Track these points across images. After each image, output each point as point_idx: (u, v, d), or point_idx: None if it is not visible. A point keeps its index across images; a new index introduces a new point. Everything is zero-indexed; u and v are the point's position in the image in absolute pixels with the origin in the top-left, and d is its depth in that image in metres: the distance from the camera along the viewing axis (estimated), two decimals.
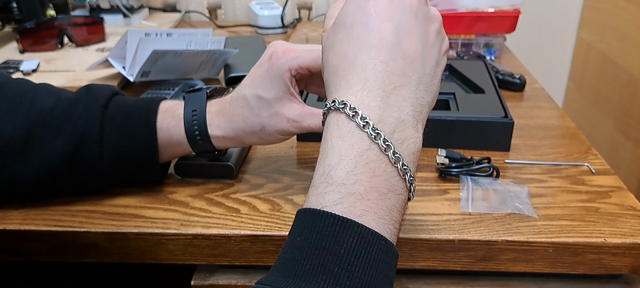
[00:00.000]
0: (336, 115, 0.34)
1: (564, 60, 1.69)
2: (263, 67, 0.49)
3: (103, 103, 0.50)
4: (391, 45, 0.35)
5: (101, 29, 1.05)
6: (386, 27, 0.36)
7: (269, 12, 1.19)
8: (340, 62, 0.36)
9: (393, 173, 0.34)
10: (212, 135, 0.50)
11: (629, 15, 1.40)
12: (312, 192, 0.34)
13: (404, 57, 0.36)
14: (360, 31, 0.36)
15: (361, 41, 0.36)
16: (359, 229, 0.31)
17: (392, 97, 0.35)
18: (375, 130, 0.33)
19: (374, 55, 0.35)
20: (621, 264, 0.49)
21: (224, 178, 0.57)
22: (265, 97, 0.48)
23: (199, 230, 0.49)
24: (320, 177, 0.34)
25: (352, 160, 0.33)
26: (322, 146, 0.35)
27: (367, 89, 0.34)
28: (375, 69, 0.35)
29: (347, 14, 0.37)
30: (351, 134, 0.34)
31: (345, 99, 0.34)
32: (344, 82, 0.35)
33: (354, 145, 0.33)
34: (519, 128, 0.70)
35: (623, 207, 0.53)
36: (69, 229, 0.49)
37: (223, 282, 0.51)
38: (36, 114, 0.49)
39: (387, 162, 0.34)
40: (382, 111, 0.34)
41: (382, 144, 0.33)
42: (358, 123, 0.33)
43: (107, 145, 0.49)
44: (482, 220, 0.50)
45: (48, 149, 0.49)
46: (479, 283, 0.51)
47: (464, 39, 1.00)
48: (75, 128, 0.49)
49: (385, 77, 0.35)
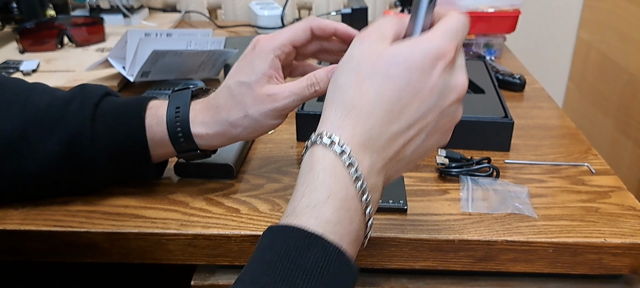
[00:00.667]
0: (332, 156, 0.36)
1: (564, 60, 1.69)
2: (245, 56, 0.49)
3: (95, 102, 0.50)
4: (407, 124, 0.37)
5: (101, 29, 1.05)
6: (414, 106, 0.36)
7: (269, 12, 1.19)
8: (356, 105, 0.36)
9: (362, 226, 0.36)
10: (195, 133, 0.49)
11: (628, 15, 1.40)
12: (293, 221, 0.34)
13: (406, 140, 0.37)
14: (393, 93, 0.36)
15: (387, 103, 0.36)
16: (325, 246, 0.33)
17: (381, 164, 0.37)
18: (363, 187, 0.35)
19: (387, 122, 0.36)
20: (621, 264, 0.49)
21: (224, 178, 0.56)
22: (247, 81, 0.47)
23: (199, 230, 0.49)
24: (305, 208, 0.34)
25: (339, 201, 0.35)
26: (307, 177, 0.36)
27: (369, 147, 0.36)
28: (382, 135, 0.36)
29: (367, 63, 0.37)
30: (343, 178, 0.35)
31: (346, 144, 0.35)
32: (350, 126, 0.36)
33: (343, 190, 0.35)
34: (519, 128, 0.70)
35: (623, 207, 0.53)
36: (69, 229, 0.49)
37: (223, 282, 0.51)
38: (31, 112, 0.49)
39: (362, 215, 0.36)
40: (369, 172, 0.36)
41: (364, 200, 0.36)
42: (351, 174, 0.35)
43: (100, 144, 0.49)
44: (482, 220, 0.50)
45: (42, 148, 0.49)
46: (479, 283, 0.51)
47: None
48: (69, 126, 0.49)
49: (386, 147, 0.37)
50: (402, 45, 0.37)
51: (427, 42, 0.37)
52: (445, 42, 0.37)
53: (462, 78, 0.39)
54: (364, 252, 0.49)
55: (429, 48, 0.36)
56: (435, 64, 0.36)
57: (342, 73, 0.38)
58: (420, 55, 0.36)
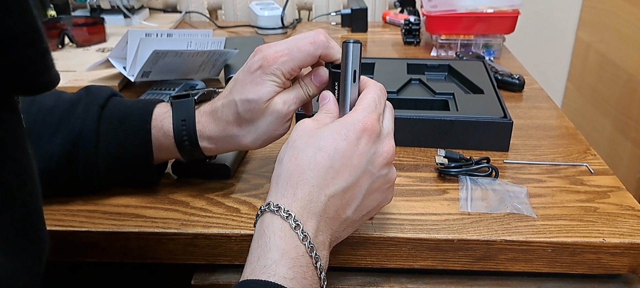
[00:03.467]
0: (279, 220, 0.39)
1: (563, 61, 1.69)
2: (253, 73, 0.47)
3: (101, 103, 0.50)
4: (341, 187, 0.41)
5: (102, 30, 1.05)
6: (346, 173, 0.41)
7: (269, 12, 1.19)
8: (293, 174, 0.41)
9: (316, 280, 0.39)
10: (204, 146, 0.50)
11: (627, 15, 1.40)
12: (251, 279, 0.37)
13: (344, 202, 0.41)
14: (324, 161, 0.40)
15: (320, 170, 0.40)
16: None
17: (325, 224, 0.41)
18: (311, 244, 0.39)
19: (323, 186, 0.40)
20: (620, 264, 0.49)
21: (221, 179, 0.57)
22: (255, 99, 0.47)
23: (199, 230, 0.49)
24: (263, 268, 0.37)
25: (292, 259, 0.38)
26: (260, 241, 0.39)
27: (310, 210, 0.40)
28: (319, 198, 0.40)
29: (302, 139, 0.42)
30: (292, 238, 0.39)
31: (290, 209, 0.39)
32: (291, 193, 0.40)
33: (294, 249, 0.38)
34: (518, 128, 0.70)
35: (622, 207, 0.53)
36: (70, 229, 0.49)
37: (223, 282, 0.51)
38: (36, 112, 0.50)
39: (314, 270, 0.39)
40: (315, 232, 0.40)
41: (314, 256, 0.39)
42: (299, 234, 0.39)
43: (103, 146, 0.50)
44: (481, 220, 0.51)
45: (46, 148, 0.49)
46: (478, 282, 0.51)
47: (463, 39, 1.00)
48: (73, 128, 0.49)
49: (326, 208, 0.40)
50: (331, 125, 0.42)
51: (351, 118, 0.42)
52: (366, 116, 0.42)
53: (388, 144, 0.43)
54: (363, 252, 0.50)
55: (353, 123, 0.41)
56: (360, 136, 0.41)
57: (283, 152, 0.43)
58: (345, 130, 0.41)
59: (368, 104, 0.43)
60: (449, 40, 1.01)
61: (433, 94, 0.72)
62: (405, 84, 0.76)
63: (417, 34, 1.10)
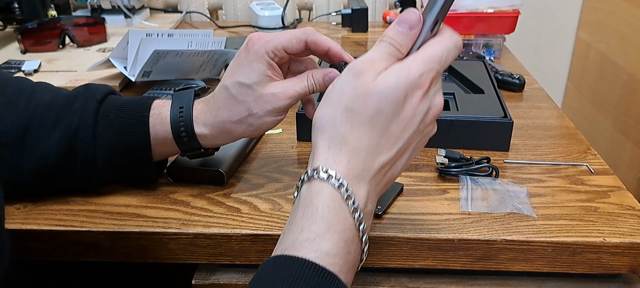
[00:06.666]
0: (329, 189, 0.37)
1: (563, 61, 1.69)
2: (240, 56, 0.49)
3: (99, 99, 0.51)
4: (394, 152, 0.39)
5: (102, 30, 1.05)
6: (401, 137, 0.38)
7: (269, 12, 1.19)
8: (348, 140, 0.38)
9: (358, 255, 0.38)
10: (199, 133, 0.50)
11: (627, 15, 1.40)
12: (291, 252, 0.36)
13: (393, 164, 0.40)
14: (382, 126, 0.38)
15: (376, 135, 0.38)
16: (338, 283, 0.35)
17: (374, 191, 0.39)
18: (360, 217, 0.37)
19: (377, 153, 0.38)
20: (620, 264, 0.49)
21: (215, 184, 0.56)
22: (246, 83, 0.48)
23: (200, 230, 0.49)
24: (304, 241, 0.36)
25: (338, 233, 0.36)
26: (307, 211, 0.37)
27: (362, 178, 0.38)
28: (373, 165, 0.38)
29: (358, 100, 0.38)
30: (341, 210, 0.37)
31: (342, 177, 0.37)
32: (344, 159, 0.38)
33: (342, 222, 0.37)
34: (518, 128, 0.70)
35: (622, 207, 0.53)
36: (71, 228, 0.49)
37: (224, 281, 0.51)
38: (34, 109, 0.50)
39: (358, 244, 0.38)
40: (365, 202, 0.38)
41: (361, 229, 0.37)
42: (349, 206, 0.37)
43: (101, 140, 0.50)
44: (482, 219, 0.51)
45: (44, 143, 0.49)
46: (478, 282, 0.51)
47: (463, 39, 1.00)
48: (71, 123, 0.49)
49: (376, 174, 0.38)
50: (389, 78, 0.37)
51: (412, 70, 0.38)
52: (429, 71, 0.38)
53: (439, 99, 0.41)
54: None
55: (414, 79, 0.38)
56: (419, 95, 0.38)
57: (333, 107, 0.39)
58: (405, 86, 0.37)
59: (436, 57, 0.39)
60: None
61: None
62: None
63: None
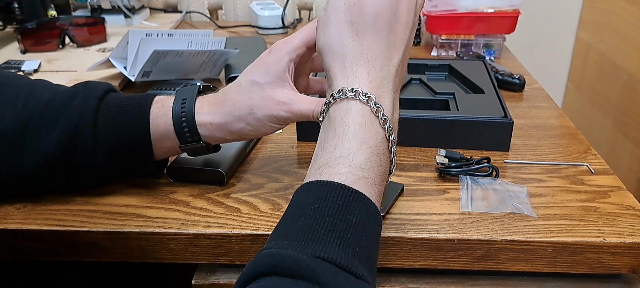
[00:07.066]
0: (358, 105, 0.38)
1: (563, 61, 1.69)
2: (262, 59, 0.49)
3: (99, 96, 0.51)
4: (402, 48, 0.39)
5: (102, 30, 1.05)
6: (403, 30, 0.39)
7: (269, 12, 1.19)
8: (362, 53, 0.38)
9: (387, 165, 0.39)
10: (199, 121, 0.50)
11: (628, 15, 1.40)
12: (327, 171, 0.37)
13: (403, 58, 0.40)
14: (374, 29, 0.38)
15: (383, 38, 0.38)
16: (367, 203, 0.36)
17: (395, 94, 0.39)
18: (390, 128, 0.38)
19: (390, 56, 0.39)
20: (620, 264, 0.49)
21: (215, 184, 0.56)
22: (259, 81, 0.48)
23: (200, 230, 0.49)
24: (338, 158, 0.37)
25: (370, 148, 0.37)
26: (338, 130, 0.38)
27: (384, 87, 0.38)
28: (390, 70, 0.38)
29: (355, 10, 0.39)
30: (373, 124, 0.38)
31: (368, 91, 0.38)
32: (364, 73, 0.38)
33: (373, 136, 0.37)
34: (518, 128, 0.70)
35: (622, 207, 0.53)
36: (71, 228, 0.49)
37: (224, 281, 0.51)
38: (33, 106, 0.50)
39: (388, 156, 0.38)
40: (392, 111, 0.39)
41: (391, 139, 0.38)
42: (380, 118, 0.38)
43: (101, 137, 0.50)
44: (482, 219, 0.51)
45: (44, 141, 0.49)
46: (478, 282, 0.51)
47: (463, 39, 1.00)
48: (71, 120, 0.49)
49: (395, 78, 0.39)
50: None
51: None
52: None
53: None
54: None
55: None
56: None
57: (335, 27, 0.40)
58: None
59: None
60: (449, 40, 1.01)
61: (433, 94, 0.72)
62: (405, 84, 0.76)
63: (417, 34, 1.10)
